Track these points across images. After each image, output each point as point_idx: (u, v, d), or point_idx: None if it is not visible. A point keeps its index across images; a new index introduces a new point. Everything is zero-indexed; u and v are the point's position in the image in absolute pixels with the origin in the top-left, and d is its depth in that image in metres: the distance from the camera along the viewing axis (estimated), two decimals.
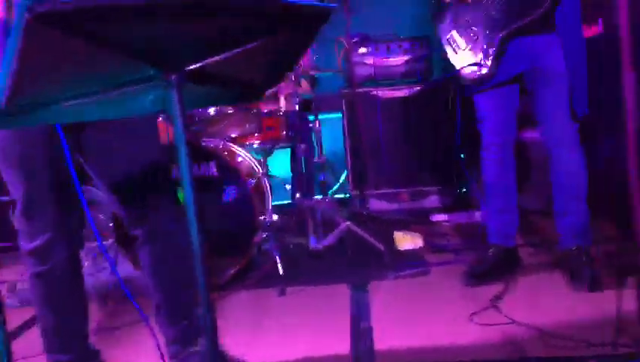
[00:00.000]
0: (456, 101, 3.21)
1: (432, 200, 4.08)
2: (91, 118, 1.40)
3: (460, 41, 2.58)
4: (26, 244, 1.71)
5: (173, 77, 1.10)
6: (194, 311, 1.93)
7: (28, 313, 2.85)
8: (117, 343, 2.37)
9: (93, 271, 3.31)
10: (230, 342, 2.04)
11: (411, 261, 3.05)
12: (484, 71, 2.52)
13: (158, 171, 1.86)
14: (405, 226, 3.62)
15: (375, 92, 4.01)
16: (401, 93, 3.99)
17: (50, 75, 0.97)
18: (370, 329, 2.28)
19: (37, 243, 1.68)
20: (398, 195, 4.09)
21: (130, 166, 1.79)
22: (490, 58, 2.50)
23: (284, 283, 2.80)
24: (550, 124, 2.52)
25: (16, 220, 1.71)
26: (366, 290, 2.71)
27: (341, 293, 2.71)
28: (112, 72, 1.03)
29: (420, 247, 3.28)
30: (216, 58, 1.15)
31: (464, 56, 2.57)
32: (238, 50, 1.15)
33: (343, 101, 4.03)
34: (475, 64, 2.55)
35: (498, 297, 2.42)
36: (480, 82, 2.56)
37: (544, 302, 2.35)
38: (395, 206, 4.07)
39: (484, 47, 2.51)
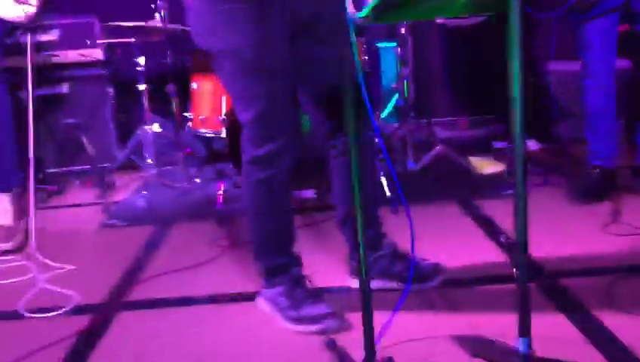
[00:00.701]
0: (552, 32, 3.23)
1: (491, 129, 4.22)
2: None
3: None
4: (254, 150, 1.75)
5: None
6: (378, 220, 2.04)
7: (142, 231, 2.92)
8: None
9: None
10: None
11: (500, 183, 3.20)
12: None
13: (359, 85, 1.92)
14: (472, 153, 3.76)
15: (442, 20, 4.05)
16: (469, 21, 4.04)
17: None
18: (512, 239, 2.39)
19: (269, 148, 1.74)
20: (458, 123, 4.23)
21: (336, 77, 1.83)
22: None
23: (393, 202, 2.92)
24: None
25: (250, 127, 1.75)
26: (476, 206, 2.86)
27: (452, 211, 2.85)
28: None
29: (502, 171, 3.43)
30: None
31: None
32: None
33: (407, 28, 4.05)
34: None
35: (617, 212, 2.59)
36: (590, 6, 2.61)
37: None
38: (456, 133, 4.19)
39: None
